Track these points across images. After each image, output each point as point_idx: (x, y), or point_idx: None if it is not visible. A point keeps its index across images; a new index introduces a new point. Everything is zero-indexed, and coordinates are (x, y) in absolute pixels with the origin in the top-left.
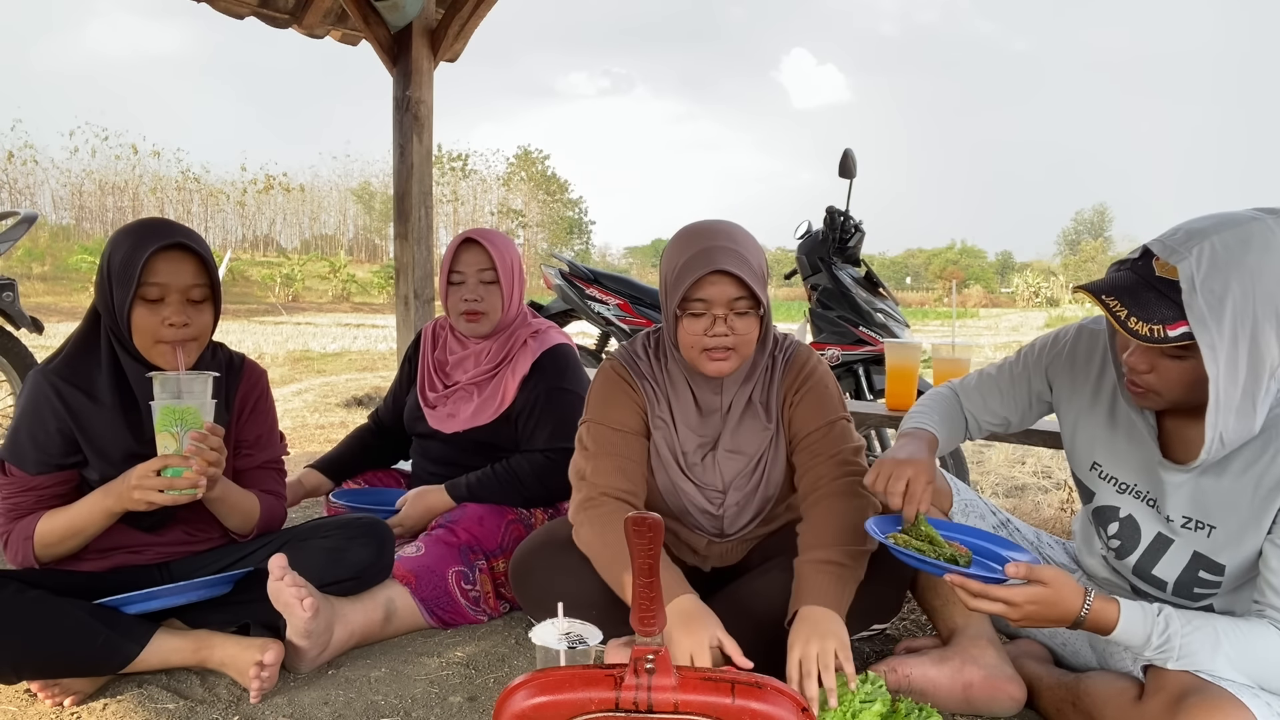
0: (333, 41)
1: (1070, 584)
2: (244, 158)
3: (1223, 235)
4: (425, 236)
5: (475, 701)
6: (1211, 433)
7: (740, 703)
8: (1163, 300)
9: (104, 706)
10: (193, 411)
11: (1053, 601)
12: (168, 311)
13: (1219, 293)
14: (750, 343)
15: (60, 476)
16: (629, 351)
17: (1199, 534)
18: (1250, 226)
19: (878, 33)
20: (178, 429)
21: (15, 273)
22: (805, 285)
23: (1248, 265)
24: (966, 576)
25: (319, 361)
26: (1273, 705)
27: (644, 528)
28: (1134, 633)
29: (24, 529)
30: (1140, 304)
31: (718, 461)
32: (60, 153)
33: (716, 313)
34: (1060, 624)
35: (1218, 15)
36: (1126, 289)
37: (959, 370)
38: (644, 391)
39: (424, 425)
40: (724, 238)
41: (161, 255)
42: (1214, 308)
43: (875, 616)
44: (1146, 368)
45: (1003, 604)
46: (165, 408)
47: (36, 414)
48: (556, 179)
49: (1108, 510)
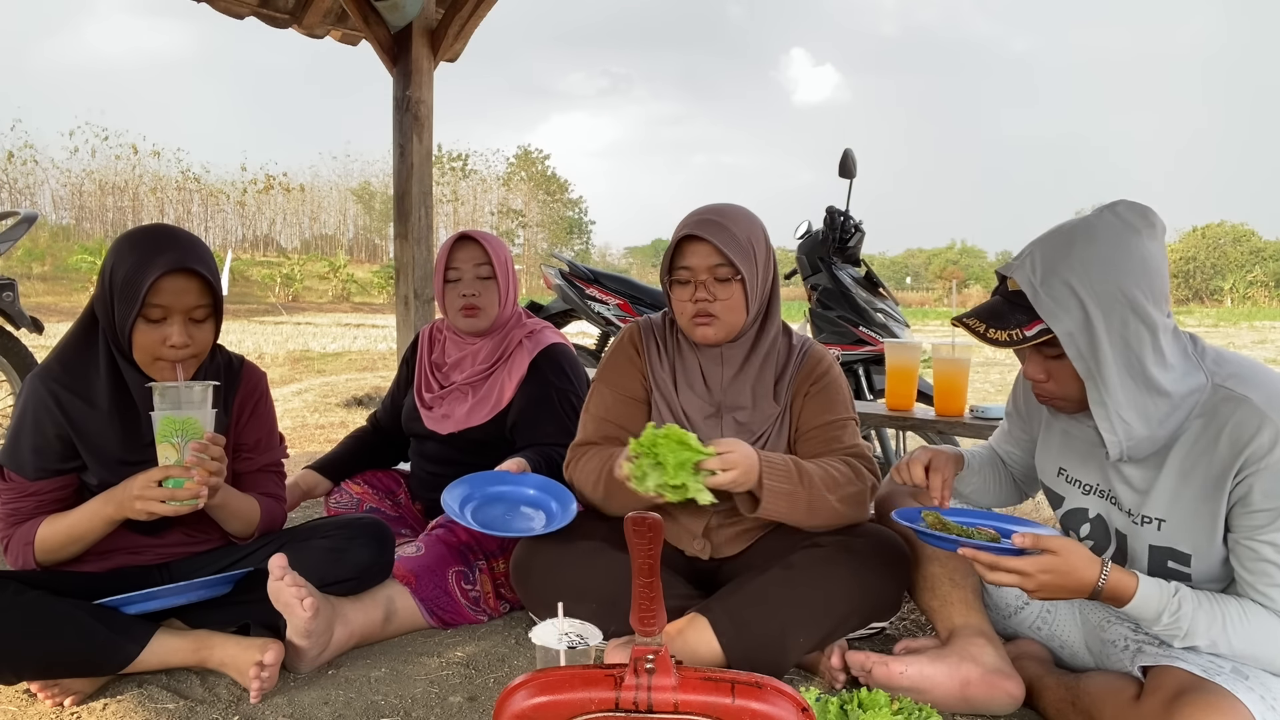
0: (333, 41)
1: (1082, 552)
2: (244, 158)
3: (1049, 240)
4: (425, 236)
5: (475, 701)
6: (1098, 412)
7: (740, 703)
8: (1016, 309)
9: (104, 706)
10: (193, 422)
11: (1065, 570)
12: (170, 331)
13: (1058, 286)
14: (734, 310)
15: (60, 481)
16: (648, 320)
17: (1148, 528)
18: (1071, 226)
19: (877, 33)
20: (179, 439)
21: (15, 273)
22: (805, 285)
23: (1075, 257)
24: (977, 549)
25: (319, 361)
26: (1267, 699)
27: (644, 528)
28: (1148, 606)
29: (24, 534)
30: (997, 317)
31: (723, 429)
32: (60, 153)
33: (700, 279)
34: (1078, 593)
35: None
36: (988, 309)
37: (959, 370)
38: (648, 356)
39: (421, 426)
40: (712, 212)
41: (166, 277)
42: (1059, 300)
43: (874, 614)
44: (1043, 376)
45: (1016, 574)
46: (166, 418)
47: (34, 420)
48: (556, 179)
49: (1078, 513)
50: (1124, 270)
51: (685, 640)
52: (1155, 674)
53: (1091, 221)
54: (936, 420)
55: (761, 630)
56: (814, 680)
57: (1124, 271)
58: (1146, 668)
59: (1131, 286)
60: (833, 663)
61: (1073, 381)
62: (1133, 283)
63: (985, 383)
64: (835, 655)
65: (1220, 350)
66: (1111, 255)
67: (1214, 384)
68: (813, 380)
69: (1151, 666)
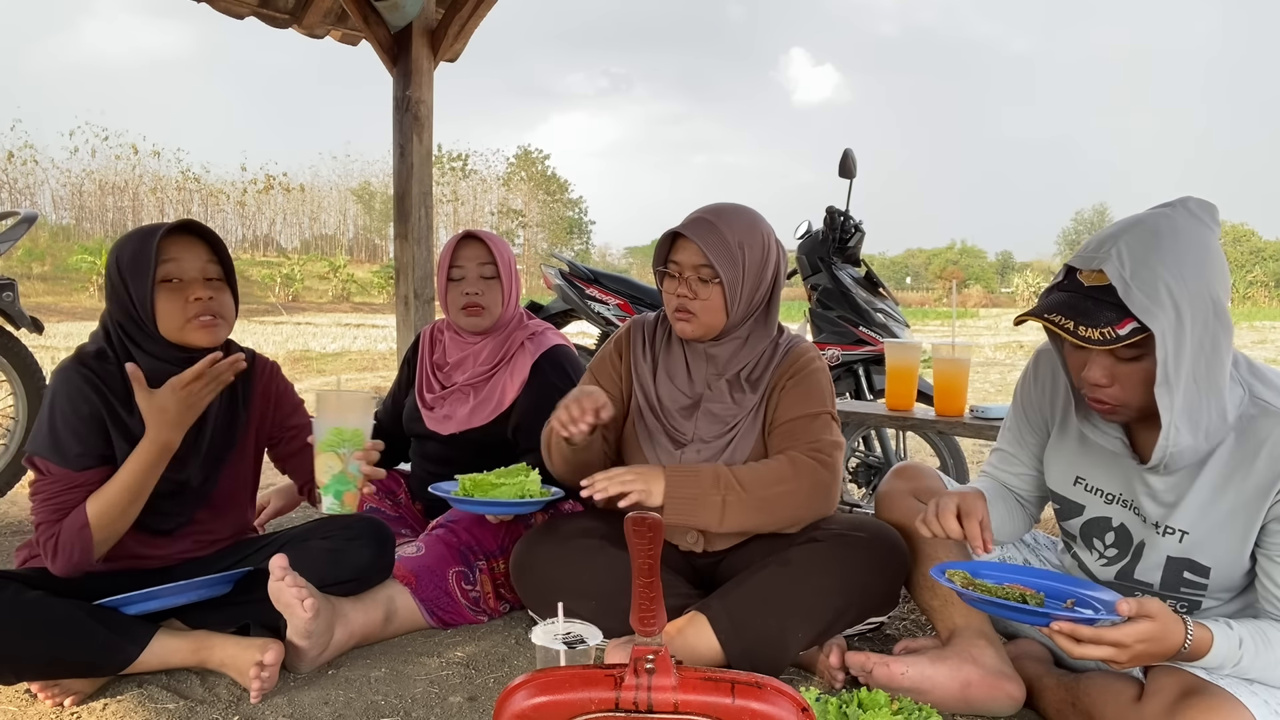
0: (333, 41)
1: (1171, 613)
2: (244, 158)
3: (1132, 233)
4: (425, 236)
5: (475, 701)
6: (1166, 417)
7: (740, 703)
8: (1102, 305)
9: (104, 706)
10: (359, 433)
11: (1160, 637)
12: (189, 291)
13: (1151, 281)
14: (712, 311)
15: (105, 471)
16: (645, 317)
17: (1169, 539)
18: (1154, 221)
19: (876, 33)
20: (345, 450)
21: (15, 273)
22: (805, 285)
23: (1164, 252)
24: (1076, 622)
25: (319, 361)
26: (1270, 704)
27: (644, 528)
28: (1215, 659)
29: (74, 520)
30: (1083, 313)
31: (696, 420)
32: (60, 153)
33: (685, 275)
34: (1161, 659)
35: (1218, 14)
36: (1066, 304)
37: (959, 370)
38: (633, 352)
39: (422, 426)
40: (709, 212)
41: (172, 237)
42: (1152, 296)
43: (872, 609)
44: (1108, 380)
45: (1112, 647)
46: (334, 430)
47: (72, 404)
48: (556, 179)
49: (1100, 522)
50: (1208, 269)
51: (685, 639)
52: (1156, 675)
53: (1171, 216)
54: (936, 420)
55: (760, 627)
56: (813, 680)
57: (1209, 270)
58: (1148, 668)
59: (1215, 286)
60: (831, 662)
61: (1139, 388)
62: (1216, 282)
63: (985, 383)
64: (834, 654)
65: (1253, 361)
66: (1197, 253)
67: (1251, 396)
68: (790, 374)
69: (1153, 667)
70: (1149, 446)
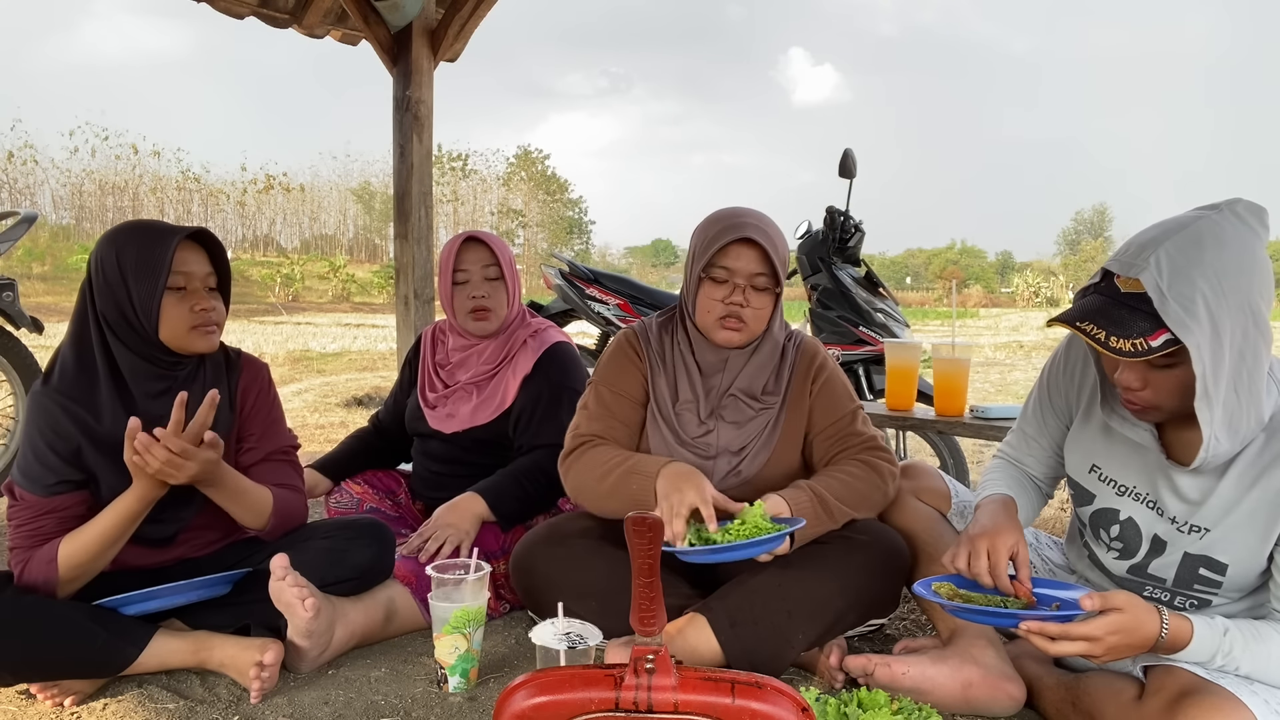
0: (333, 41)
1: (1142, 603)
2: (244, 158)
3: (1174, 240)
4: (425, 236)
5: (475, 701)
6: (1207, 430)
7: (740, 703)
8: (1136, 314)
9: (104, 706)
10: (481, 611)
11: (1132, 627)
12: (194, 300)
13: (1188, 294)
14: (762, 319)
15: (78, 496)
16: (643, 325)
17: (1191, 536)
18: (1198, 226)
19: (876, 33)
20: (470, 629)
21: (15, 273)
22: (805, 285)
23: (1206, 262)
24: (1043, 620)
25: (319, 361)
26: (1271, 703)
27: (644, 528)
28: (1201, 652)
29: (45, 554)
30: (1116, 322)
31: (717, 433)
32: (60, 153)
33: (738, 282)
34: (1140, 650)
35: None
36: (1099, 311)
37: (959, 370)
38: (648, 360)
39: (424, 425)
40: (755, 218)
41: (185, 243)
42: (1188, 309)
43: (873, 611)
44: (1140, 384)
45: (1084, 641)
46: (459, 611)
47: (42, 434)
48: (556, 179)
49: (1107, 513)
50: (1251, 278)
51: (685, 639)
52: (1156, 674)
53: (1217, 222)
54: (936, 420)
55: (760, 628)
56: (813, 680)
57: (1251, 279)
58: (1148, 667)
59: (1257, 296)
60: (831, 662)
61: (1173, 394)
62: (1258, 292)
63: (985, 383)
64: (834, 655)
65: None
66: (1241, 262)
67: None
68: (813, 379)
69: (1153, 666)
70: (1178, 443)
